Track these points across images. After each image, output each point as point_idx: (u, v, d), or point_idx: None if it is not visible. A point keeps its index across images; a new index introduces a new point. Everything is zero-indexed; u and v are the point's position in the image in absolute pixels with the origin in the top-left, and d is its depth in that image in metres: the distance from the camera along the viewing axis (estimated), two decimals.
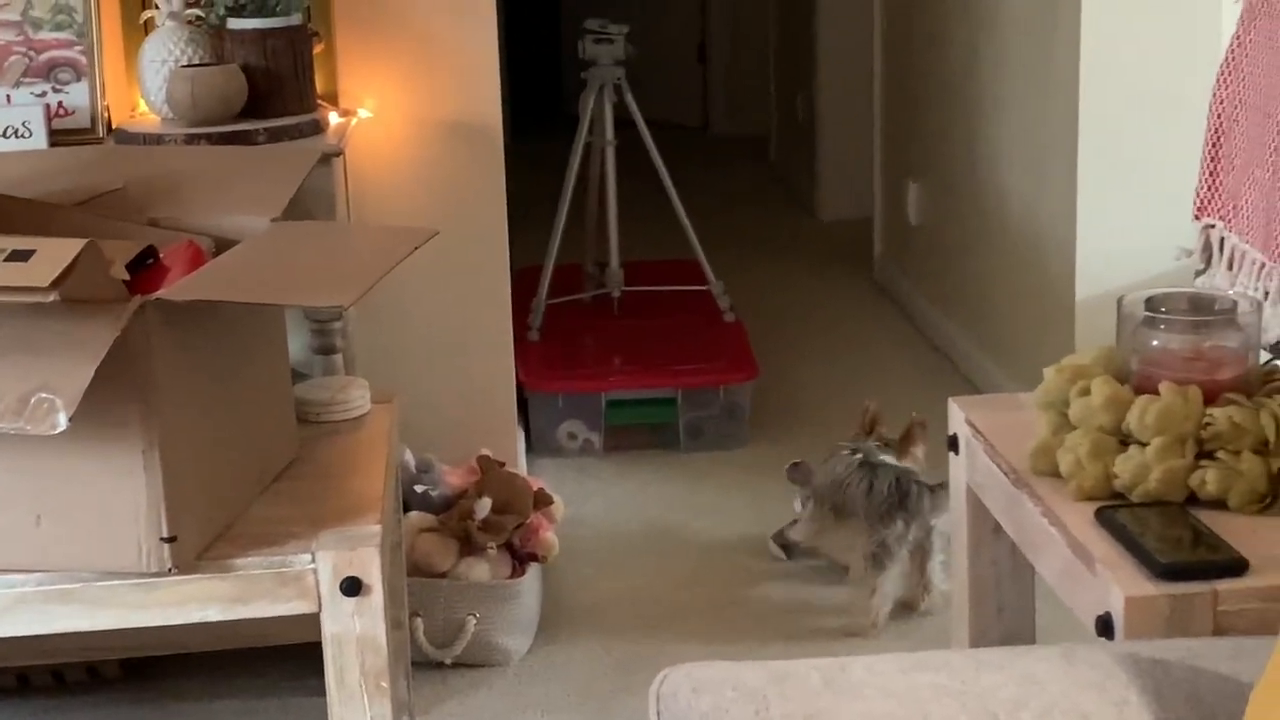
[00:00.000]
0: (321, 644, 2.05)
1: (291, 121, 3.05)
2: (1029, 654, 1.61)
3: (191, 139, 2.96)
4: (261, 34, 3.07)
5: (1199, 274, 2.63)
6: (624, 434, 4.16)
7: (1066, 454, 1.94)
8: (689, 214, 4.58)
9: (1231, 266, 2.52)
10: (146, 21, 3.20)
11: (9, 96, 3.03)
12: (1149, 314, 1.99)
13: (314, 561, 2.02)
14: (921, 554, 3.20)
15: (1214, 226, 2.60)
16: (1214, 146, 2.59)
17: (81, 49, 3.07)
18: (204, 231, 2.30)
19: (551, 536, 3.23)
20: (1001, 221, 4.37)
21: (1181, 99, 3.51)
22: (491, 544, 3.09)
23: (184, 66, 3.05)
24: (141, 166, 2.49)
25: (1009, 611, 2.27)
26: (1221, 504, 1.87)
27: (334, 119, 3.18)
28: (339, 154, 3.01)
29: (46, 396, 1.77)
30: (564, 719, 2.94)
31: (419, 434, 3.27)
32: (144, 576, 1.97)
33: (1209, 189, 2.60)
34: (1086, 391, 1.97)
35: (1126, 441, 1.93)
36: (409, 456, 3.16)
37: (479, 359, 3.58)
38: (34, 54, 3.06)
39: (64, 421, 1.77)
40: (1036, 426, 2.03)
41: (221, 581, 2.01)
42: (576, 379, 4.21)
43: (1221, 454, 1.88)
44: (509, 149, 3.58)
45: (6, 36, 3.05)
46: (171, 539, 1.95)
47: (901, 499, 3.15)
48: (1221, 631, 1.69)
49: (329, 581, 2.01)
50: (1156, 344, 1.98)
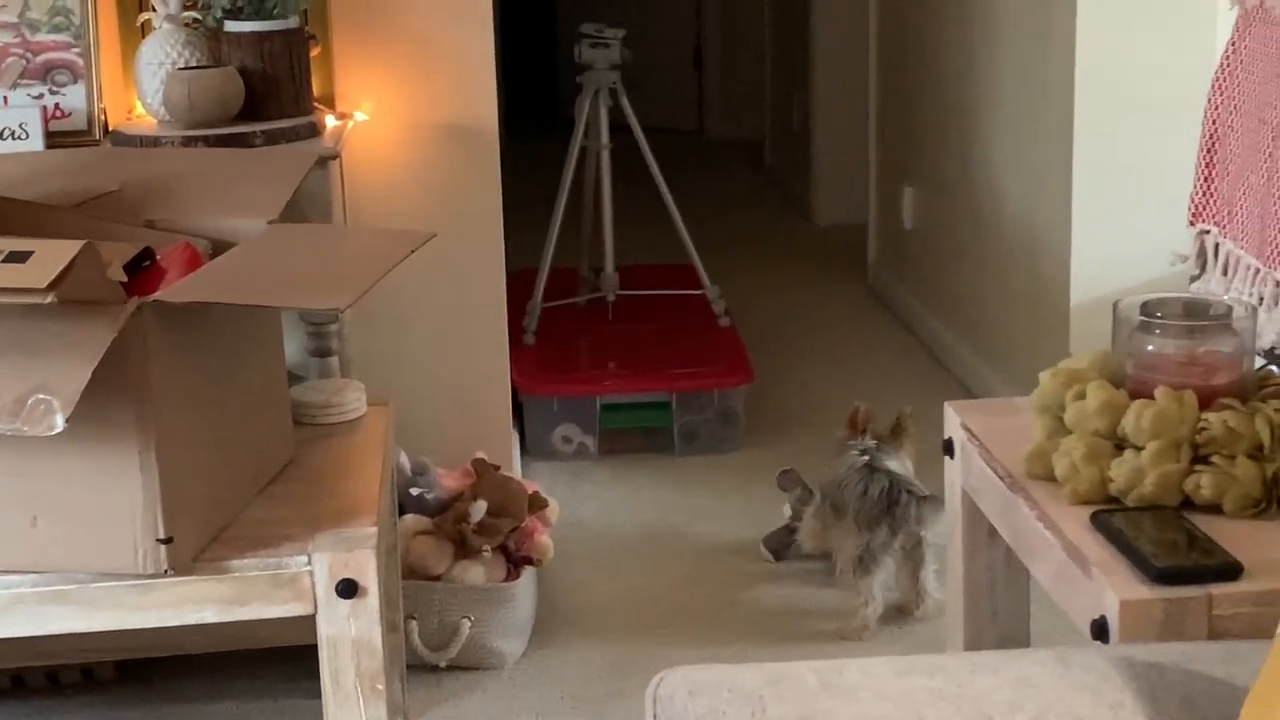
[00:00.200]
0: (317, 646, 2.05)
1: (288, 124, 3.05)
2: (1024, 657, 1.61)
3: (188, 141, 2.96)
4: (258, 37, 3.07)
5: (1194, 279, 2.64)
6: (618, 438, 4.17)
7: (1062, 458, 1.95)
8: (684, 218, 4.59)
9: (1226, 272, 2.52)
10: (144, 24, 3.20)
11: (6, 98, 3.03)
12: (1144, 319, 2.00)
13: (310, 563, 2.02)
14: (913, 562, 3.20)
15: (1209, 232, 2.60)
16: (1209, 152, 2.60)
17: (78, 51, 3.07)
18: (201, 234, 2.30)
19: (546, 540, 3.23)
20: (996, 226, 4.37)
21: (1176, 105, 3.52)
22: (486, 547, 3.09)
23: (181, 69, 3.05)
24: (138, 168, 2.49)
25: (1003, 615, 2.28)
26: (1216, 508, 1.88)
27: (330, 122, 3.19)
28: (335, 157, 3.01)
29: (43, 398, 1.78)
30: None
31: (414, 437, 3.27)
32: (140, 578, 1.98)
33: (1204, 194, 2.61)
34: (1082, 396, 1.97)
35: (1122, 446, 1.93)
36: (404, 459, 3.16)
37: (474, 362, 3.58)
38: (31, 56, 3.06)
39: (61, 423, 1.77)
40: (1032, 430, 2.04)
41: (217, 583, 2.01)
42: (571, 382, 4.21)
43: (1216, 458, 1.88)
44: (504, 152, 3.58)
45: (4, 38, 3.05)
46: (168, 540, 1.96)
47: (889, 506, 3.16)
48: (1216, 635, 1.69)
49: (325, 583, 2.02)
50: (1152, 349, 1.99)
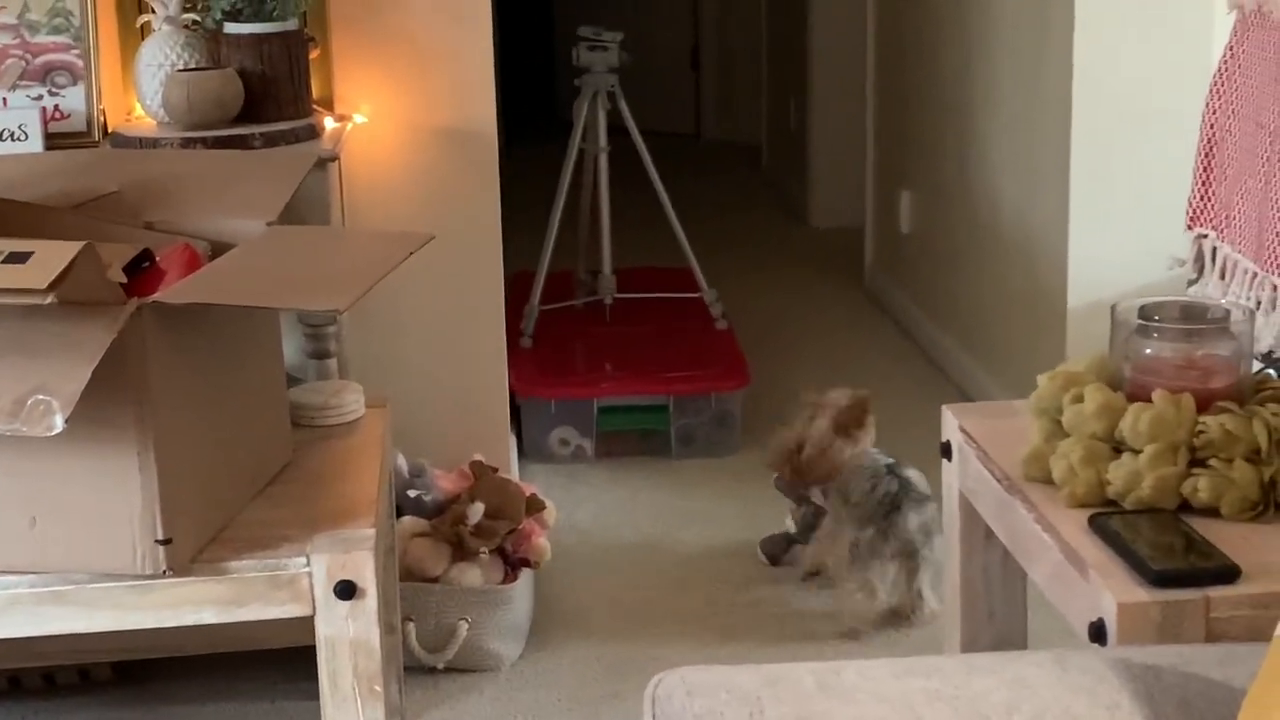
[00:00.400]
0: (314, 647, 2.06)
1: (287, 126, 3.05)
2: (1021, 659, 1.61)
3: (187, 143, 2.96)
4: (258, 39, 3.07)
5: (1191, 283, 2.64)
6: (615, 440, 4.17)
7: (1059, 461, 1.95)
8: (681, 221, 4.59)
9: (1224, 276, 2.53)
10: (143, 25, 3.20)
11: (5, 100, 3.03)
12: (1142, 322, 2.00)
13: (308, 565, 2.02)
14: (909, 568, 3.20)
15: (1206, 236, 2.61)
16: (1206, 157, 2.61)
17: (78, 53, 3.07)
18: (200, 235, 2.30)
19: (543, 542, 3.23)
20: (994, 230, 4.38)
21: (1173, 109, 3.52)
22: (483, 549, 3.09)
23: (180, 71, 3.06)
24: (137, 170, 2.49)
25: (1000, 617, 2.28)
26: (1214, 511, 1.88)
27: (329, 124, 3.19)
28: (334, 159, 3.01)
29: (43, 398, 1.78)
30: None
31: (412, 439, 3.27)
32: (139, 578, 1.98)
33: (1201, 199, 2.61)
34: (1080, 399, 1.98)
35: (1119, 449, 1.93)
36: (402, 461, 3.16)
37: (472, 364, 3.58)
38: (30, 57, 3.06)
39: (60, 423, 1.77)
40: (1029, 433, 2.04)
41: (216, 584, 2.01)
42: (568, 385, 4.21)
43: (1214, 462, 1.89)
44: (502, 156, 3.58)
45: (3, 40, 3.05)
46: (166, 541, 1.96)
47: (889, 510, 3.17)
48: (1213, 638, 1.69)
49: (323, 585, 2.02)
50: (1150, 352, 1.99)
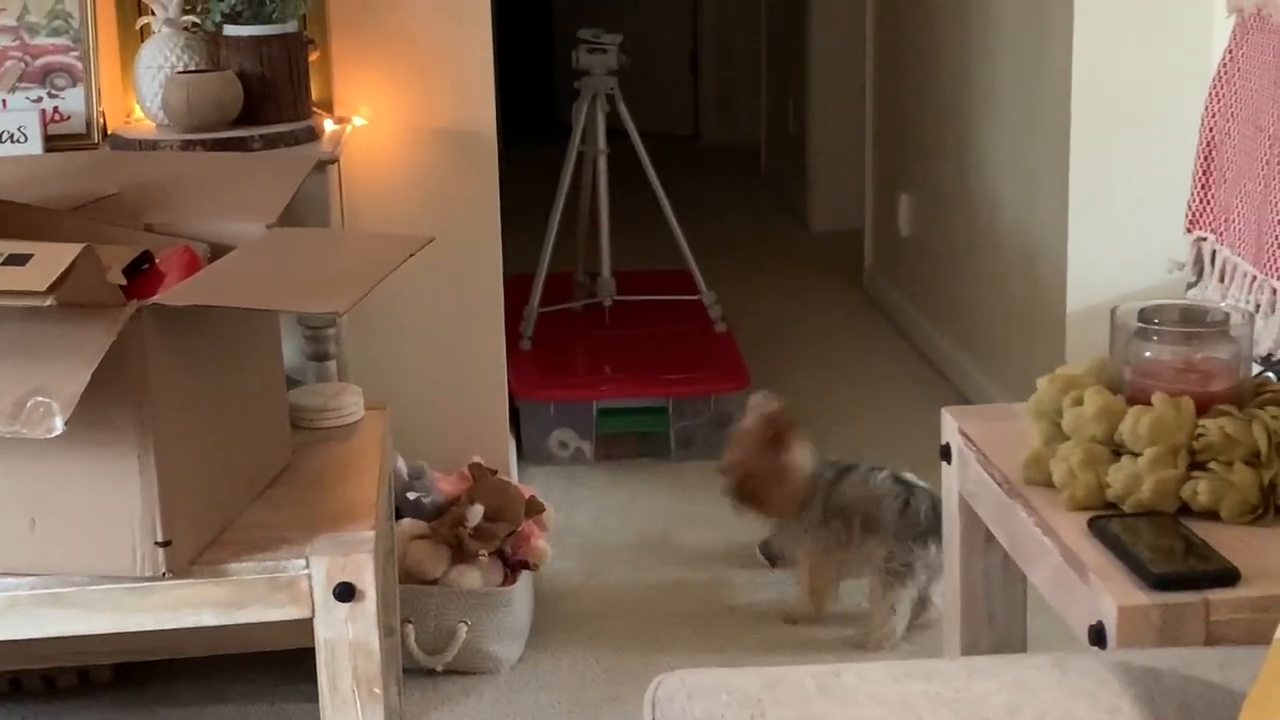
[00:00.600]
0: (314, 650, 2.06)
1: (287, 128, 3.05)
2: (1021, 662, 1.61)
3: (187, 145, 2.96)
4: (257, 41, 3.07)
5: (1190, 286, 2.64)
6: (615, 443, 4.17)
7: (1059, 464, 1.95)
8: (680, 224, 4.59)
9: (1223, 279, 2.53)
10: (143, 27, 3.20)
11: (5, 101, 3.03)
12: (1142, 325, 2.00)
13: (308, 567, 2.02)
14: (931, 573, 3.19)
15: (1205, 239, 2.61)
16: (1206, 160, 2.61)
17: (77, 54, 3.07)
18: (199, 237, 2.30)
19: (543, 544, 3.23)
20: (993, 233, 4.38)
21: (1173, 113, 3.53)
22: (483, 551, 3.09)
23: (180, 73, 3.06)
24: (137, 172, 2.49)
25: (1000, 620, 2.28)
26: (1213, 515, 1.88)
27: (329, 126, 3.19)
28: (334, 161, 3.01)
29: (43, 400, 1.78)
30: None
31: (411, 441, 3.27)
32: (138, 581, 1.98)
33: (1201, 202, 2.61)
34: (1079, 402, 1.98)
35: (1119, 452, 1.93)
36: (401, 463, 3.16)
37: (471, 366, 3.58)
38: (30, 59, 3.06)
39: (60, 425, 1.77)
40: (1029, 436, 2.04)
41: (216, 586, 2.01)
42: (568, 388, 4.21)
43: (1214, 465, 1.89)
44: (501, 158, 3.58)
45: (3, 41, 3.05)
46: (166, 543, 1.96)
47: (937, 524, 3.12)
48: (1213, 641, 1.69)
49: (323, 587, 2.02)
50: (1149, 355, 1.99)
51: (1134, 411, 1.93)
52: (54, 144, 2.99)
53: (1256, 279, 2.43)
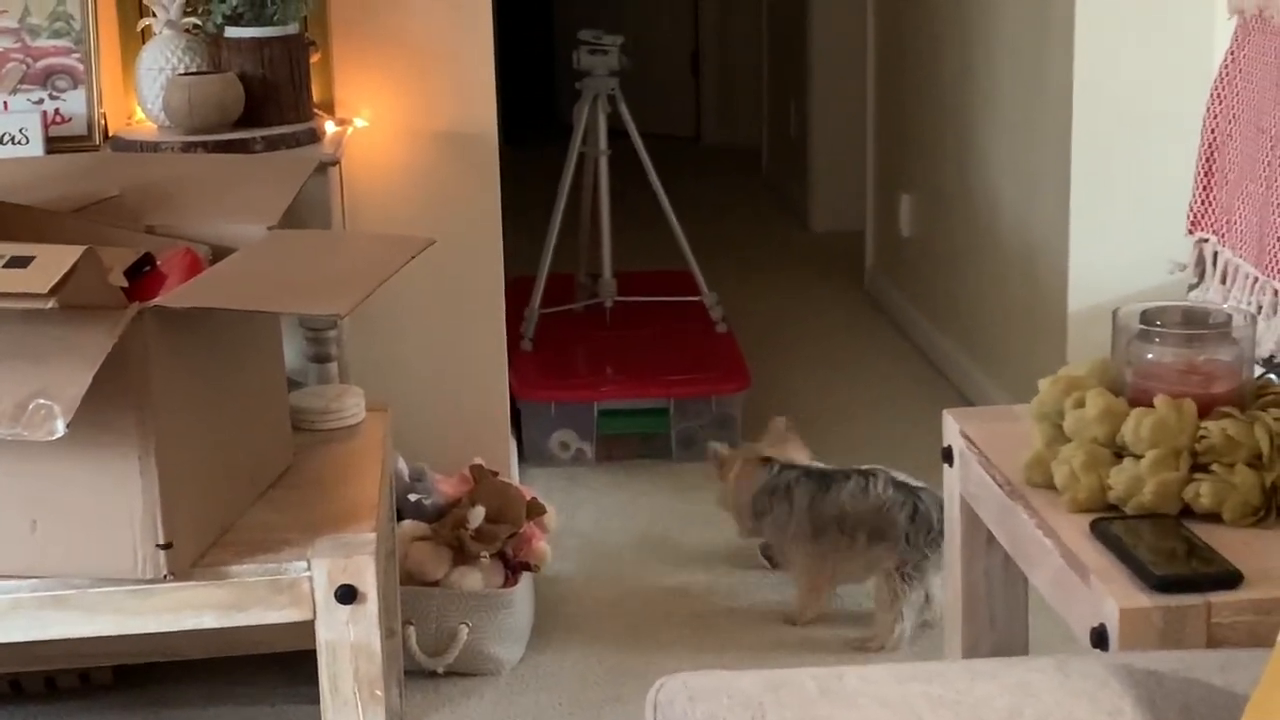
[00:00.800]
0: (315, 652, 2.06)
1: (288, 130, 3.05)
2: (1023, 664, 1.61)
3: (188, 147, 2.96)
4: (258, 43, 3.07)
5: (1192, 288, 2.64)
6: (616, 444, 4.17)
7: (1061, 466, 1.95)
8: (680, 225, 4.59)
9: (1225, 281, 2.53)
10: (144, 29, 3.20)
11: (6, 103, 3.03)
12: (1144, 327, 2.00)
13: (309, 569, 2.02)
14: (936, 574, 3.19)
15: (1207, 240, 2.61)
16: (1208, 161, 2.60)
17: (79, 56, 3.07)
18: (201, 239, 2.31)
19: (544, 546, 3.23)
20: (994, 234, 4.38)
21: (1174, 114, 3.52)
22: (484, 553, 3.09)
23: (181, 74, 3.06)
24: (138, 174, 2.50)
25: (1001, 623, 2.28)
26: (1216, 517, 1.88)
27: (330, 128, 3.19)
28: (335, 163, 3.01)
29: (44, 403, 1.78)
30: None
31: (412, 443, 3.27)
32: (139, 583, 1.98)
33: (1202, 203, 2.61)
34: (1081, 404, 1.98)
35: (1121, 454, 1.93)
36: (402, 465, 3.16)
37: (472, 368, 3.58)
38: (31, 61, 3.06)
39: (62, 427, 1.77)
40: (1031, 438, 2.04)
41: (217, 588, 2.02)
42: (569, 388, 4.21)
43: (1216, 467, 1.89)
44: (502, 159, 3.58)
45: (4, 43, 3.05)
46: (167, 545, 1.96)
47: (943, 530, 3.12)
48: (1215, 644, 1.69)
49: (324, 589, 2.02)
50: (1151, 357, 1.99)
51: (1136, 413, 1.93)
52: (55, 146, 2.99)
53: (1258, 280, 2.42)
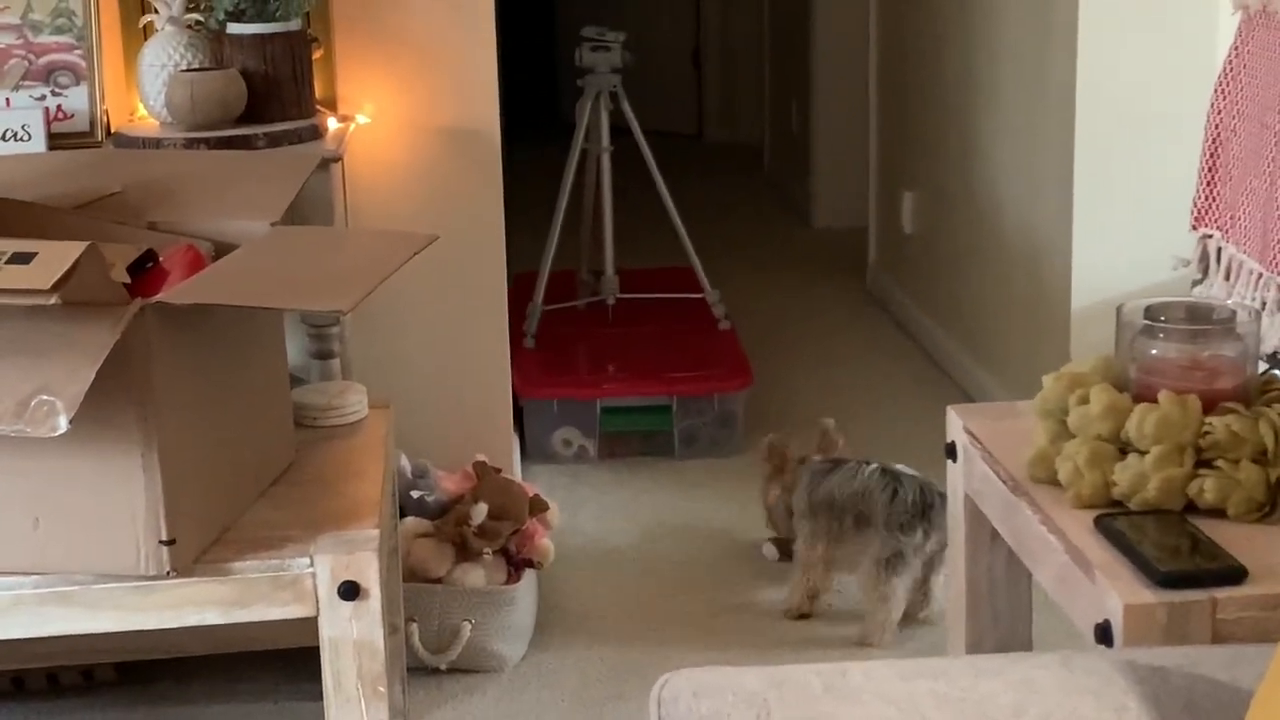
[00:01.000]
0: (318, 648, 2.05)
1: (290, 126, 3.04)
2: (1027, 661, 1.61)
3: (190, 143, 2.96)
4: (261, 39, 3.07)
5: (1196, 284, 2.64)
6: (618, 441, 4.17)
7: (1065, 462, 1.95)
8: (683, 222, 4.58)
9: (1229, 277, 2.52)
10: (146, 26, 3.20)
11: (8, 100, 3.03)
12: (1148, 323, 2.00)
13: (312, 565, 2.02)
14: (929, 566, 3.19)
15: (1211, 237, 2.61)
16: (1211, 157, 2.60)
17: (81, 53, 3.07)
18: (203, 235, 2.30)
19: (547, 542, 3.23)
20: (997, 231, 4.37)
21: (1177, 111, 3.52)
22: (487, 550, 3.09)
23: (183, 71, 3.05)
24: (140, 170, 2.49)
25: (1005, 619, 2.28)
26: (1220, 513, 1.88)
27: (332, 124, 3.18)
28: (338, 159, 3.01)
29: (47, 399, 1.77)
30: None
31: (415, 440, 3.27)
32: (142, 579, 1.97)
33: (1206, 199, 2.61)
34: (1085, 400, 1.97)
35: (1125, 450, 1.93)
36: (405, 462, 3.16)
37: (475, 365, 3.58)
38: (33, 57, 3.06)
39: (64, 424, 1.77)
40: (1035, 435, 2.04)
41: (220, 585, 2.01)
42: (571, 386, 4.21)
43: (1220, 463, 1.88)
44: (503, 157, 3.58)
45: (6, 40, 3.05)
46: (170, 542, 1.96)
47: (925, 510, 3.13)
48: (1220, 640, 1.69)
49: (327, 585, 2.02)
50: (1155, 353, 1.99)
51: (1140, 409, 1.93)
52: (57, 142, 2.99)
53: (1262, 276, 2.42)
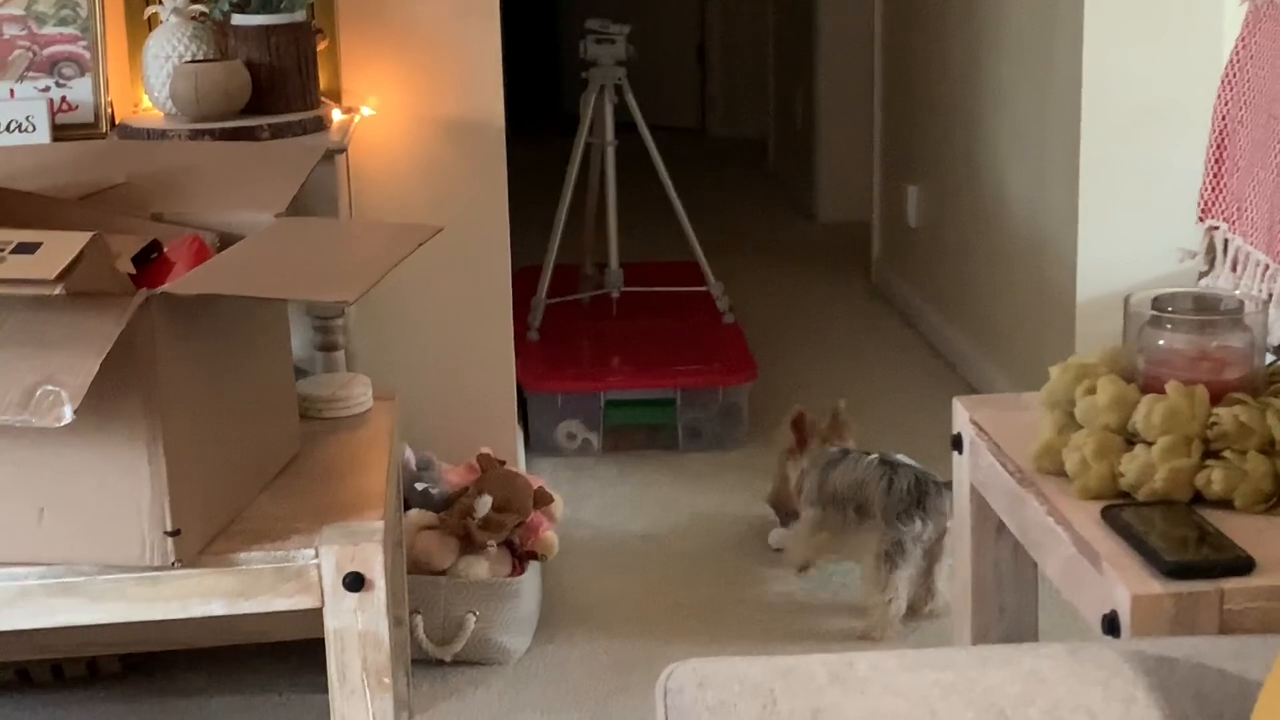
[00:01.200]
0: (323, 640, 2.05)
1: (295, 118, 3.04)
2: (1034, 651, 1.60)
3: (195, 135, 2.95)
4: (265, 30, 3.06)
5: (1202, 276, 2.63)
6: (622, 434, 4.16)
7: (1072, 453, 1.94)
8: (687, 216, 4.58)
9: (1235, 268, 2.52)
10: (150, 17, 3.19)
11: (13, 91, 3.03)
12: (1155, 313, 1.99)
13: (317, 557, 2.02)
14: (931, 556, 3.20)
15: (1218, 228, 2.60)
16: (1218, 148, 2.59)
17: (85, 44, 3.07)
18: (208, 227, 2.30)
19: (551, 535, 3.23)
20: (1002, 224, 4.37)
21: (1183, 104, 3.52)
22: (491, 542, 3.08)
23: (188, 62, 3.05)
24: (145, 162, 2.49)
25: (1011, 612, 2.27)
26: (1227, 503, 1.87)
27: (337, 116, 3.18)
28: (342, 151, 3.00)
29: (52, 389, 1.77)
30: (562, 718, 2.93)
31: (419, 432, 3.27)
32: (147, 570, 1.97)
33: (1213, 191, 2.60)
34: (1092, 391, 1.97)
35: (1132, 441, 1.92)
36: (409, 454, 3.15)
37: (479, 358, 3.58)
38: (38, 49, 3.05)
39: (69, 414, 1.76)
40: (1041, 426, 2.03)
41: (225, 576, 2.01)
42: (575, 379, 4.21)
43: (1227, 453, 1.88)
44: (506, 149, 3.57)
45: (11, 31, 3.05)
46: (175, 533, 1.95)
47: (920, 498, 3.14)
48: (1228, 630, 1.68)
49: (332, 577, 2.01)
50: (1163, 343, 1.98)
51: (1147, 400, 1.92)
52: (62, 133, 2.98)
53: (1269, 267, 2.42)
